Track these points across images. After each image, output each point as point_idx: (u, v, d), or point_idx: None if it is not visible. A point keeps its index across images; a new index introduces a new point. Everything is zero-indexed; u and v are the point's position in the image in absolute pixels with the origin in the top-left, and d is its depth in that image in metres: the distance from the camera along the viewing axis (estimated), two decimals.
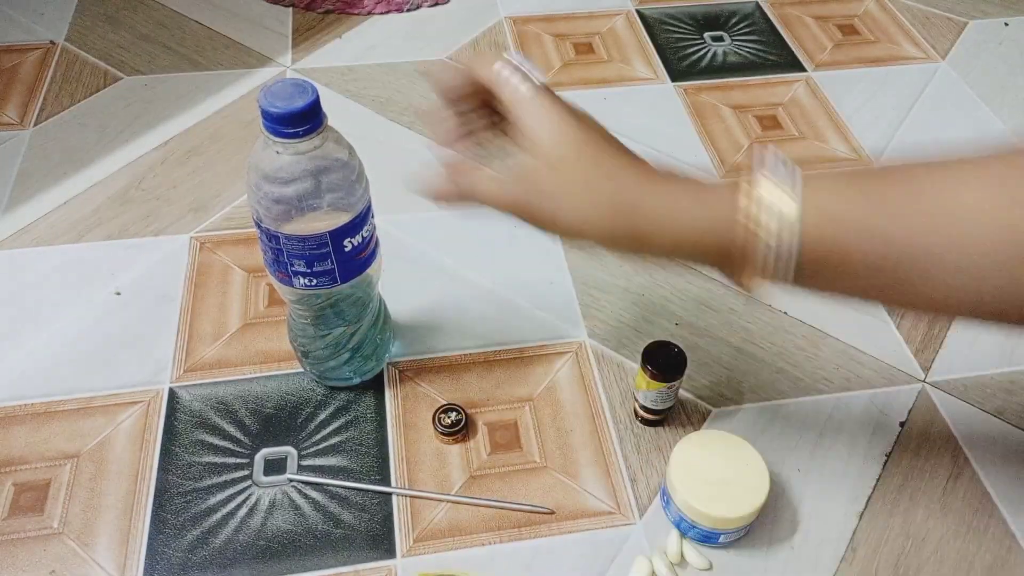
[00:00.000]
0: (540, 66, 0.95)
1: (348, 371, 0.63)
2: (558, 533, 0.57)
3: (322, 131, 0.48)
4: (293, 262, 0.52)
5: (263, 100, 0.47)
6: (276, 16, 1.02)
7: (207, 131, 0.87)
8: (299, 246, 0.51)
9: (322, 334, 0.60)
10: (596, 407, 0.64)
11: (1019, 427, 0.64)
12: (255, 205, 0.51)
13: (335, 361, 0.62)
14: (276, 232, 0.51)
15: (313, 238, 0.51)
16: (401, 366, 0.67)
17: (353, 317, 0.60)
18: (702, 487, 0.54)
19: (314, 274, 0.53)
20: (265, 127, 0.47)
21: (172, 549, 0.56)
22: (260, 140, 0.49)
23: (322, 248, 0.52)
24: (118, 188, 0.81)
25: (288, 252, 0.52)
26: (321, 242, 0.51)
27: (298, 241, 0.51)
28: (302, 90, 0.47)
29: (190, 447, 0.61)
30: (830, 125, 0.90)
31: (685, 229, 0.42)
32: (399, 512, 0.58)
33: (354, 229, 0.53)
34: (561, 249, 0.76)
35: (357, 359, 0.62)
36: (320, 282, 0.54)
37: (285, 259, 0.52)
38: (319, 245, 0.51)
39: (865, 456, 0.62)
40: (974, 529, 0.58)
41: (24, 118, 0.87)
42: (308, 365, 0.63)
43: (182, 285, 0.72)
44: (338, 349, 0.61)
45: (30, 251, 0.75)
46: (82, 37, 0.98)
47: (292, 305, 0.59)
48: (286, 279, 0.54)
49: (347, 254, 0.53)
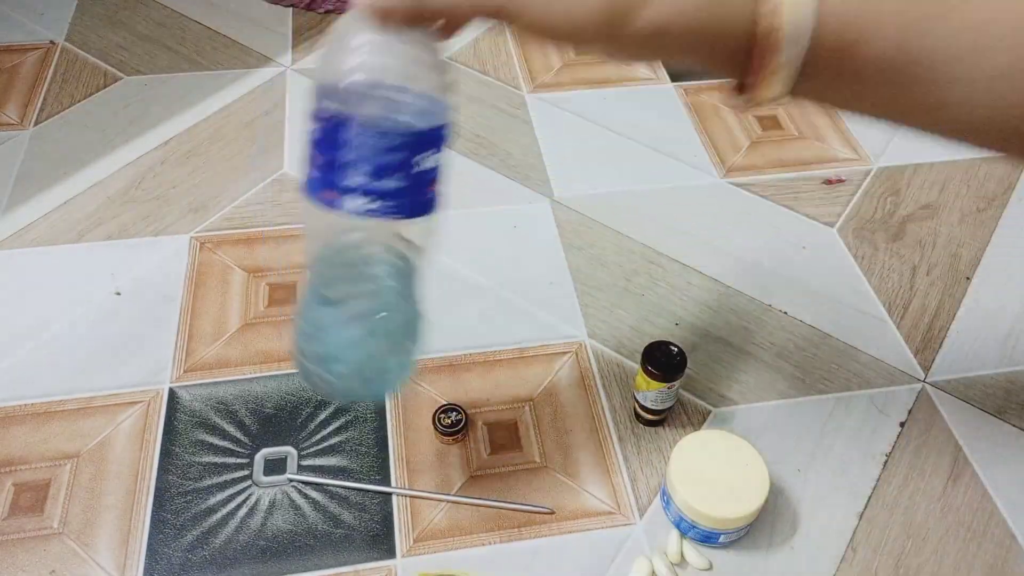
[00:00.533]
0: (541, 68, 0.96)
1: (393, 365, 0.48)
2: (558, 533, 0.57)
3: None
4: (354, 166, 0.41)
5: None
6: (276, 16, 1.02)
7: (207, 131, 0.87)
8: (370, 142, 0.41)
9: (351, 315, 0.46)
10: (596, 407, 0.64)
11: (1019, 427, 0.64)
12: (324, 84, 0.42)
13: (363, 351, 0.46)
14: (347, 114, 0.40)
15: (391, 132, 0.41)
16: None
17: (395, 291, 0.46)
18: (702, 487, 0.54)
19: (377, 191, 0.41)
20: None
21: (172, 549, 0.56)
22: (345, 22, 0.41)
23: (396, 152, 0.41)
24: (118, 188, 0.81)
25: (354, 148, 0.41)
26: (397, 142, 0.41)
27: (370, 135, 0.41)
28: None
29: (190, 447, 0.61)
30: (830, 125, 0.90)
31: (694, 16, 0.37)
32: (399, 512, 0.58)
33: (434, 143, 0.43)
34: (561, 249, 0.76)
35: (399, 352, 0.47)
36: (382, 205, 0.42)
37: (342, 161, 0.41)
38: (394, 146, 0.41)
39: (865, 456, 0.62)
40: (974, 529, 0.58)
41: (24, 118, 0.88)
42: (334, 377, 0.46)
43: (182, 285, 0.72)
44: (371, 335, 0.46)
45: (30, 251, 0.75)
46: (82, 37, 0.98)
47: (320, 271, 0.45)
48: (333, 197, 0.42)
49: (420, 175, 0.42)
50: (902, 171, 0.85)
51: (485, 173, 0.83)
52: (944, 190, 0.83)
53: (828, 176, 0.84)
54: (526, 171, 0.84)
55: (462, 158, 0.85)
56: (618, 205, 0.80)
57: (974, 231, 0.79)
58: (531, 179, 0.83)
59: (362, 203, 0.42)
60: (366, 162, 0.41)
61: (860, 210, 0.81)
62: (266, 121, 0.88)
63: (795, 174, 0.85)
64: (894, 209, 0.81)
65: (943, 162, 0.86)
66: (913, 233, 0.79)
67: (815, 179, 0.84)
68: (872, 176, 0.85)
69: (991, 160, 0.87)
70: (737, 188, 0.83)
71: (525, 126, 0.88)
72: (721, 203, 0.81)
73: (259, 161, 0.83)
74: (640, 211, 0.80)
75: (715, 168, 0.85)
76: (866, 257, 0.77)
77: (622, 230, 0.78)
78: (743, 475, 0.54)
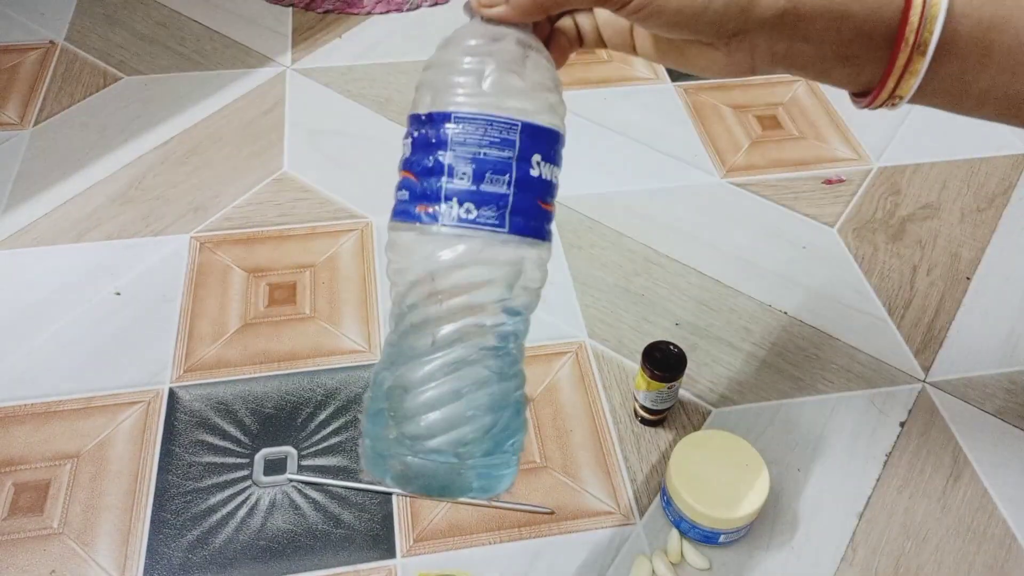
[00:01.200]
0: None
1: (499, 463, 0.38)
2: (558, 533, 0.57)
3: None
4: (456, 169, 0.35)
5: None
6: (276, 16, 1.02)
7: (207, 131, 0.87)
8: (475, 135, 0.35)
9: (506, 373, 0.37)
10: (596, 407, 0.64)
11: (1019, 427, 0.64)
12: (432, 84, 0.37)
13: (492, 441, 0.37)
14: (446, 112, 0.35)
15: (500, 121, 0.35)
16: None
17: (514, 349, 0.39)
18: (702, 487, 0.54)
19: (481, 196, 0.35)
20: None
21: (172, 549, 0.56)
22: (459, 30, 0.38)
23: (504, 150, 0.35)
24: (118, 188, 0.81)
25: (453, 148, 0.35)
26: (507, 137, 0.35)
27: (477, 124, 0.35)
28: None
29: (190, 447, 0.61)
30: (830, 125, 0.90)
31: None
32: (399, 512, 0.58)
33: (550, 145, 0.37)
34: (561, 249, 0.76)
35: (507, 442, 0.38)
36: (484, 215, 0.35)
37: (444, 166, 0.35)
38: (502, 142, 0.35)
39: (865, 456, 0.62)
40: (974, 529, 0.58)
41: (24, 118, 0.87)
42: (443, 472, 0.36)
43: (182, 285, 0.72)
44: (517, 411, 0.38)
45: (30, 251, 0.75)
46: (82, 37, 0.98)
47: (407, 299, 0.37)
48: (433, 208, 0.35)
49: (532, 182, 0.36)
50: (902, 171, 0.85)
51: None
52: (944, 190, 0.83)
53: (828, 176, 0.84)
54: None
55: None
56: (618, 205, 0.80)
57: (974, 231, 0.79)
58: None
59: (461, 213, 0.35)
60: (471, 160, 0.35)
61: (860, 210, 0.81)
62: (266, 121, 0.88)
63: (795, 174, 0.85)
64: (894, 209, 0.81)
65: (943, 162, 0.86)
66: (913, 233, 0.79)
67: (815, 179, 0.84)
68: (872, 176, 0.85)
69: (991, 160, 0.87)
70: (737, 188, 0.83)
71: None
72: (721, 203, 0.81)
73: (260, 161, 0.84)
74: (640, 211, 0.80)
75: (715, 168, 0.85)
76: (866, 257, 0.77)
77: (622, 230, 0.78)
78: (743, 475, 0.54)
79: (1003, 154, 0.88)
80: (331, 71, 0.94)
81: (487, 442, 0.36)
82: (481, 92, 0.35)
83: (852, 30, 0.36)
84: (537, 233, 0.37)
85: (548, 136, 0.37)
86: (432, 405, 0.35)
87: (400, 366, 0.36)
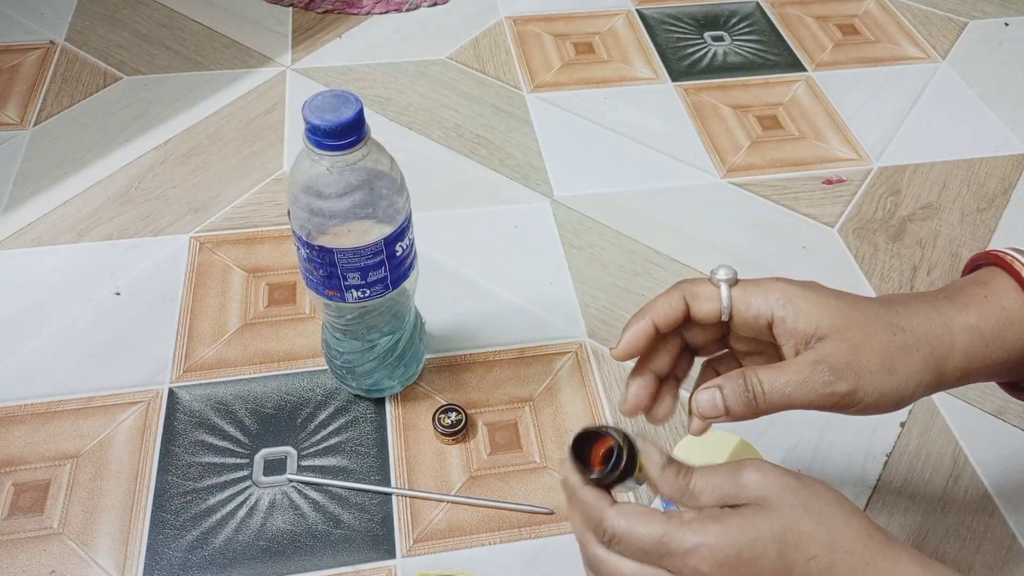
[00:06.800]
0: (541, 68, 0.96)
1: (395, 380, 0.63)
2: (558, 533, 0.57)
3: (367, 140, 0.49)
4: (348, 276, 0.52)
5: (310, 115, 0.46)
6: (276, 16, 1.02)
7: (207, 131, 0.87)
8: (355, 259, 0.51)
9: (369, 345, 0.59)
10: (596, 407, 0.64)
11: (1019, 427, 0.64)
12: (304, 224, 0.50)
13: (381, 372, 0.61)
14: (331, 247, 0.51)
15: (369, 248, 0.51)
16: None
17: (397, 325, 0.59)
18: None
19: (368, 285, 0.53)
20: (314, 143, 0.47)
21: (172, 549, 0.56)
22: (302, 159, 0.49)
23: (376, 257, 0.52)
24: (118, 188, 0.81)
25: (343, 267, 0.52)
26: (376, 251, 0.51)
27: (354, 254, 0.51)
28: (345, 100, 0.47)
29: (190, 447, 0.61)
30: (830, 125, 0.90)
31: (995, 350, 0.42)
32: (399, 512, 0.58)
33: (403, 234, 0.53)
34: (561, 249, 0.76)
35: (400, 367, 0.62)
36: (374, 292, 0.54)
37: (339, 274, 0.52)
38: (374, 254, 0.51)
39: (865, 456, 0.62)
40: (974, 529, 0.58)
41: (24, 118, 0.87)
42: (354, 380, 0.62)
43: (182, 285, 0.72)
44: (385, 360, 0.60)
45: (30, 251, 0.75)
46: (82, 37, 0.98)
47: (333, 321, 0.58)
48: (338, 295, 0.53)
49: (398, 259, 0.54)
50: (902, 171, 0.85)
51: (485, 173, 0.83)
52: (944, 190, 0.83)
53: (828, 176, 0.84)
54: (526, 171, 0.84)
55: (462, 158, 0.85)
56: (618, 205, 0.80)
57: (974, 231, 0.79)
58: (531, 179, 0.83)
59: (358, 295, 0.53)
60: (356, 270, 0.52)
61: (860, 210, 0.81)
62: (266, 121, 0.88)
63: (795, 174, 0.85)
64: (894, 209, 0.81)
65: (943, 162, 0.86)
66: (913, 233, 0.79)
67: (815, 179, 0.84)
68: (872, 176, 0.85)
69: (991, 160, 0.87)
70: (737, 188, 0.83)
71: (525, 126, 0.88)
72: (721, 203, 0.81)
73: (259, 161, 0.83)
74: (640, 211, 0.80)
75: (715, 168, 0.85)
76: (866, 257, 0.77)
77: (622, 230, 0.78)
78: None
79: (1003, 154, 0.88)
80: (331, 71, 0.94)
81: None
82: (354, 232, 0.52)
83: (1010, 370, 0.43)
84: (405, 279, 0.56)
85: (400, 230, 0.53)
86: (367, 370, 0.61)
87: (349, 353, 0.61)
